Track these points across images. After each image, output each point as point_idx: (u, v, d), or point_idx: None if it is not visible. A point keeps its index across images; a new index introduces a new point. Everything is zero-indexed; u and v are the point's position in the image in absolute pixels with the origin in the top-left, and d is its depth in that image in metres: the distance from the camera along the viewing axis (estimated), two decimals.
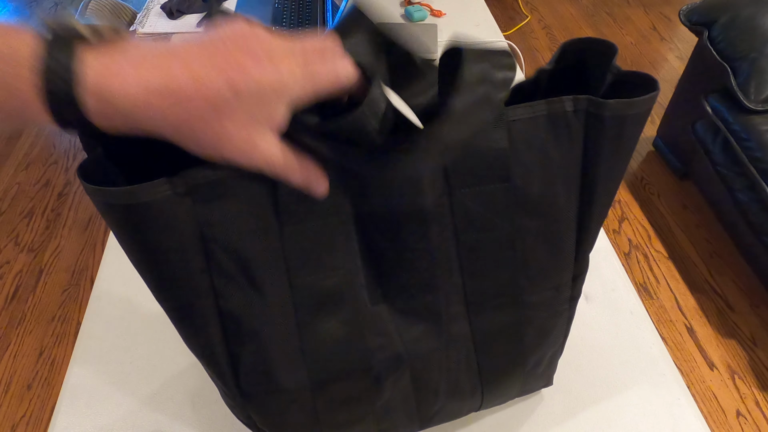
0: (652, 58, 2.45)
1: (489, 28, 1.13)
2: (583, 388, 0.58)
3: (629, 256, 1.68)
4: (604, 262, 0.70)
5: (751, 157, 1.42)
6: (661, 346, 0.62)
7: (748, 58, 1.44)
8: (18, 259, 1.70)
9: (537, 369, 0.49)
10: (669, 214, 1.79)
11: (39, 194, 1.91)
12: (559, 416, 0.56)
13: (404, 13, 1.16)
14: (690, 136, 1.66)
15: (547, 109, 0.37)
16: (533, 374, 0.49)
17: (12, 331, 1.53)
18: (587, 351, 0.61)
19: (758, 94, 1.42)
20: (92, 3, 1.23)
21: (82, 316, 0.74)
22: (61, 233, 1.78)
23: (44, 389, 1.41)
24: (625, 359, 0.60)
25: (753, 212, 1.44)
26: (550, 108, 0.37)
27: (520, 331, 0.45)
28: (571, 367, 0.60)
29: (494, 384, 0.47)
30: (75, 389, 0.59)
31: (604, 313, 0.64)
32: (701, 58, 1.61)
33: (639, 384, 0.58)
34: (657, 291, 1.59)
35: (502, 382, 0.48)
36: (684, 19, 1.61)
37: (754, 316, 1.53)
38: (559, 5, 2.82)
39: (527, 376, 0.49)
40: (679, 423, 0.55)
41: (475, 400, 0.48)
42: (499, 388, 0.48)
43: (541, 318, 0.45)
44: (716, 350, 1.45)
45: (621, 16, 2.73)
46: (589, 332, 0.63)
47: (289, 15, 1.15)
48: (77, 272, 1.67)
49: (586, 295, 0.66)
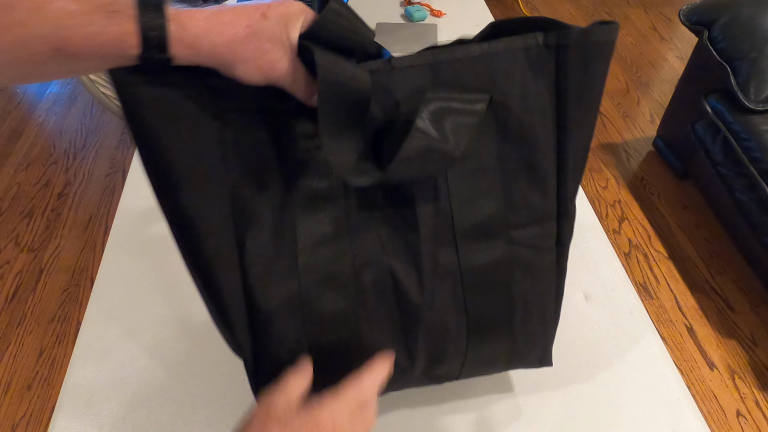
0: (652, 58, 2.45)
1: None
2: (583, 388, 0.58)
3: (629, 256, 1.68)
4: (604, 262, 0.70)
5: (751, 157, 1.42)
6: (661, 346, 0.62)
7: (748, 58, 1.44)
8: (18, 259, 1.70)
9: (526, 327, 0.49)
10: (669, 214, 1.80)
11: (39, 194, 1.91)
12: (559, 416, 0.56)
13: (404, 13, 1.16)
14: (690, 136, 1.66)
15: (523, 43, 0.42)
16: (523, 333, 0.49)
17: (12, 331, 1.53)
18: (587, 351, 0.61)
19: (758, 94, 1.42)
20: None
21: (82, 316, 0.74)
22: (61, 233, 1.78)
23: (44, 389, 1.41)
24: (625, 359, 0.60)
25: (753, 212, 1.44)
26: (526, 42, 0.42)
27: (508, 270, 0.46)
28: (571, 367, 0.60)
29: (480, 331, 0.48)
30: (75, 389, 0.59)
31: (604, 313, 0.64)
32: (701, 58, 1.61)
33: (639, 384, 0.58)
34: (657, 291, 1.59)
35: (488, 329, 0.48)
36: (684, 19, 1.61)
37: (754, 316, 1.53)
38: (559, 5, 2.82)
39: (516, 333, 0.48)
40: (679, 423, 0.55)
41: (460, 343, 0.48)
42: (486, 337, 0.48)
43: (528, 256, 0.47)
44: (716, 350, 1.46)
45: (621, 16, 2.73)
46: (589, 332, 0.63)
47: None
48: (77, 272, 1.67)
49: (586, 295, 0.66)
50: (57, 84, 2.35)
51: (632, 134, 2.09)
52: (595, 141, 2.06)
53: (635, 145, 2.04)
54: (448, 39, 1.07)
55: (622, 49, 2.51)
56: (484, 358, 0.50)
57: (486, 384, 0.58)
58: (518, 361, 0.52)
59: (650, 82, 2.32)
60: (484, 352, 0.49)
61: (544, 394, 0.58)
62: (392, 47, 1.03)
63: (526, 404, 0.57)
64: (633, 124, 2.13)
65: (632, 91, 2.28)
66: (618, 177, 1.92)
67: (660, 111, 2.18)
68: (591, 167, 1.96)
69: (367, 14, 1.15)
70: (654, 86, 2.30)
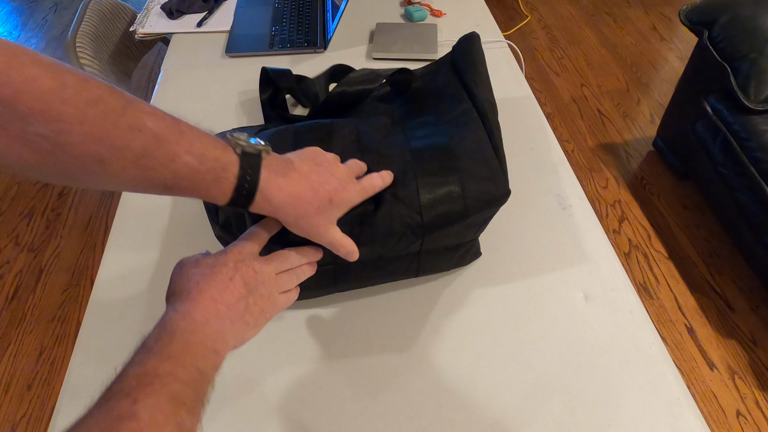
0: (652, 58, 2.45)
1: (489, 28, 1.13)
2: (583, 388, 0.58)
3: (629, 256, 1.68)
4: (604, 262, 0.70)
5: (751, 157, 1.42)
6: (661, 346, 0.62)
7: (748, 58, 1.44)
8: (18, 259, 1.71)
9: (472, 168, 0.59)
10: (669, 214, 1.80)
11: (39, 194, 1.91)
12: (559, 416, 0.56)
13: (404, 13, 1.16)
14: (690, 136, 1.66)
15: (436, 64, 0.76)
16: (468, 173, 0.59)
17: (12, 331, 1.53)
18: (587, 351, 0.61)
19: (758, 94, 1.42)
20: (92, 3, 1.23)
21: (82, 316, 0.74)
22: (61, 233, 1.78)
23: (44, 389, 1.41)
24: (625, 359, 0.60)
25: (753, 212, 1.44)
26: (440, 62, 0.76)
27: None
28: (571, 367, 0.60)
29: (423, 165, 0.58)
30: (75, 389, 0.59)
31: (604, 313, 0.64)
32: (701, 58, 1.61)
33: (639, 384, 0.58)
34: (657, 291, 1.59)
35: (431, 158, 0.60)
36: (684, 19, 1.61)
37: (754, 316, 1.53)
38: (559, 5, 2.82)
39: (462, 172, 0.58)
40: (679, 423, 0.55)
41: (411, 188, 0.57)
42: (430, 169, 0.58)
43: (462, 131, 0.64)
44: (716, 350, 1.46)
45: (621, 16, 2.73)
46: (589, 332, 0.63)
47: (289, 15, 1.15)
48: (77, 272, 1.67)
49: (586, 295, 0.66)
50: None
51: (632, 134, 2.09)
52: (595, 141, 2.07)
53: (635, 145, 2.04)
54: (448, 39, 1.07)
55: (622, 49, 2.51)
56: (433, 195, 0.57)
57: (486, 383, 0.58)
58: (469, 179, 0.58)
59: (650, 82, 2.32)
60: (435, 193, 0.57)
61: (544, 394, 0.58)
62: (392, 47, 1.03)
63: (526, 404, 0.57)
64: (633, 124, 2.13)
65: (632, 91, 2.28)
66: (618, 177, 1.92)
67: (660, 111, 2.18)
68: (591, 167, 1.96)
69: (367, 14, 1.15)
70: (654, 86, 2.30)
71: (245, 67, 1.03)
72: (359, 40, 1.09)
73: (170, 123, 0.41)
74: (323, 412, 0.57)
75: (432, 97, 0.70)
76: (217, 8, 1.21)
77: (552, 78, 2.37)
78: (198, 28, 1.15)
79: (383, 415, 0.56)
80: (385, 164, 0.58)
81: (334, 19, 1.06)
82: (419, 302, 0.66)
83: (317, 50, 1.07)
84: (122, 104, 0.39)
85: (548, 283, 0.67)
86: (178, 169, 0.41)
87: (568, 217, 0.75)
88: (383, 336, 0.63)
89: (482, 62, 0.72)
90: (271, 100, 0.85)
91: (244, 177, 0.44)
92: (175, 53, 1.09)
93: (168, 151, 0.40)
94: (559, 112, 2.20)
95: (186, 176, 0.42)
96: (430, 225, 0.56)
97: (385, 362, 0.61)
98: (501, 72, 1.00)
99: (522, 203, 0.76)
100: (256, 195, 0.45)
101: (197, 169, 0.42)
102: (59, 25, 2.80)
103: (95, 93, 0.38)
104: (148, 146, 0.40)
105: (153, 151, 0.40)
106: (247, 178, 0.44)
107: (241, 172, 0.44)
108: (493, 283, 0.68)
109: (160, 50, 2.31)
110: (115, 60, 1.25)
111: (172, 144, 0.41)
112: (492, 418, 0.56)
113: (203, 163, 0.42)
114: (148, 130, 0.39)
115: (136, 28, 1.17)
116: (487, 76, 0.71)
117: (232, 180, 0.44)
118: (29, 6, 2.97)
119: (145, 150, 0.39)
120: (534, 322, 0.64)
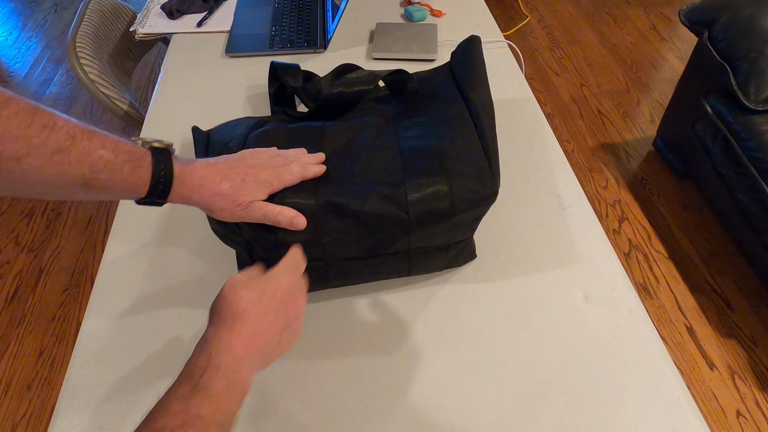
0: (652, 58, 2.45)
1: (489, 28, 1.13)
2: (583, 388, 0.58)
3: (629, 256, 1.68)
4: (604, 262, 0.70)
5: (751, 157, 1.42)
6: (661, 346, 0.62)
7: (748, 58, 1.44)
8: (18, 259, 1.71)
9: (462, 168, 0.60)
10: (669, 214, 1.80)
11: None
12: (559, 416, 0.56)
13: (404, 13, 1.16)
14: (690, 136, 1.66)
15: (434, 69, 0.79)
16: (457, 173, 0.59)
17: (12, 331, 1.53)
18: (587, 351, 0.61)
19: (758, 94, 1.42)
20: (92, 3, 1.23)
21: (82, 316, 0.74)
22: (61, 233, 1.78)
23: (44, 389, 1.41)
24: (625, 359, 0.60)
25: (753, 212, 1.44)
26: (439, 68, 0.78)
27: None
28: (571, 367, 0.60)
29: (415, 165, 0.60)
30: (75, 389, 0.59)
31: (604, 313, 0.64)
32: (701, 58, 1.61)
33: (639, 384, 0.58)
34: (657, 291, 1.59)
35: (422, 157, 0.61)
36: (684, 19, 1.61)
37: (754, 316, 1.53)
38: (559, 5, 2.82)
39: (450, 172, 0.59)
40: (678, 423, 0.55)
41: (397, 176, 0.59)
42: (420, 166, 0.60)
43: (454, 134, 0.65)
44: (716, 350, 1.46)
45: (621, 16, 2.73)
46: (589, 332, 0.63)
47: (289, 15, 1.15)
48: (77, 272, 1.67)
49: (586, 295, 0.66)
50: (57, 84, 2.35)
51: (632, 134, 2.09)
52: (595, 141, 2.06)
53: (635, 145, 2.04)
54: (448, 39, 1.07)
55: (622, 49, 2.51)
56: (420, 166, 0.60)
57: (486, 383, 0.58)
58: (456, 178, 0.59)
59: (650, 82, 2.32)
60: (422, 180, 0.59)
61: (544, 394, 0.58)
62: (392, 47, 1.03)
63: (526, 404, 0.57)
64: (633, 124, 2.13)
65: (632, 91, 2.28)
66: (618, 177, 1.92)
67: (660, 111, 2.18)
68: (591, 167, 1.96)
69: (367, 14, 1.15)
70: (654, 86, 2.30)
71: (245, 68, 1.03)
72: (359, 40, 1.09)
73: (80, 124, 0.45)
74: (323, 412, 0.57)
75: (427, 98, 0.72)
76: (217, 8, 1.21)
77: (552, 78, 2.37)
78: (198, 28, 1.15)
79: (383, 415, 0.56)
80: (373, 163, 0.60)
81: (334, 19, 1.06)
82: (419, 302, 0.66)
83: (317, 50, 1.07)
84: (32, 106, 0.41)
85: (548, 283, 0.67)
86: (95, 163, 0.44)
87: (568, 217, 0.75)
88: (383, 336, 0.63)
89: (480, 65, 0.73)
90: (277, 94, 0.87)
91: (158, 164, 0.48)
92: (175, 53, 1.09)
93: (82, 146, 0.44)
94: (559, 112, 2.20)
95: (103, 169, 0.45)
96: (416, 221, 0.57)
97: (386, 362, 0.61)
98: (501, 72, 1.00)
99: (522, 203, 0.76)
100: (173, 179, 0.49)
101: (113, 161, 0.45)
102: (59, 25, 2.80)
103: (4, 96, 0.40)
104: (63, 143, 0.42)
105: (68, 147, 0.42)
106: (162, 165, 0.48)
107: (155, 160, 0.48)
108: (493, 283, 0.68)
109: (160, 50, 2.31)
110: (115, 60, 1.25)
111: (85, 140, 0.44)
112: (492, 418, 0.56)
113: (118, 155, 0.46)
114: (60, 129, 0.42)
115: (136, 28, 1.17)
116: (484, 78, 0.72)
117: (148, 168, 0.48)
118: (29, 6, 2.97)
119: (60, 146, 0.42)
120: (534, 322, 0.64)
